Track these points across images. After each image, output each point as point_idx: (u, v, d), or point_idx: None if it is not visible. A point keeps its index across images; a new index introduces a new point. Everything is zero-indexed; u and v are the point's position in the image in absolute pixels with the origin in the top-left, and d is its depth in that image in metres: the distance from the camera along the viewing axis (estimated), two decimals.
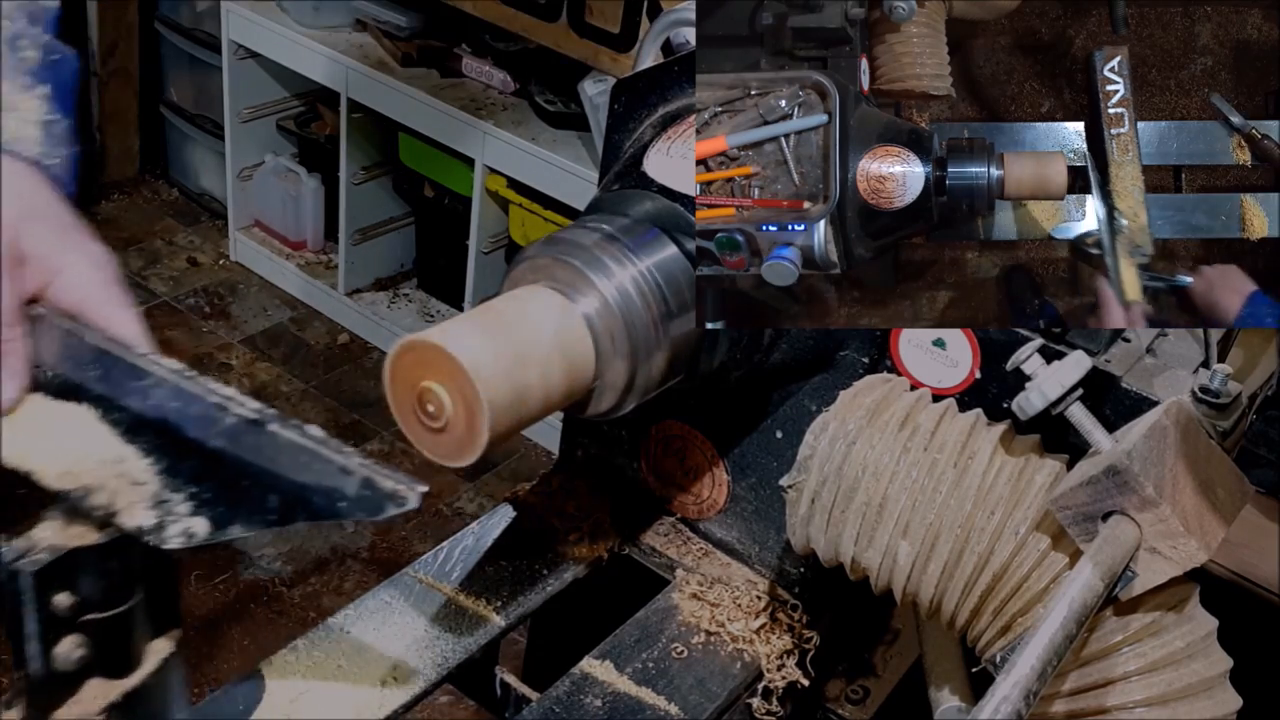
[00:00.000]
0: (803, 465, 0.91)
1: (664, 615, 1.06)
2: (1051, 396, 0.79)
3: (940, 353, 0.94)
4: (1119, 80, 1.00)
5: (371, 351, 3.21)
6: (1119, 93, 1.00)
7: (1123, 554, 0.75)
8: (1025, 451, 0.87)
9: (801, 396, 1.01)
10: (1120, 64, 1.00)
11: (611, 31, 2.54)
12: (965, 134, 1.00)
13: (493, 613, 1.02)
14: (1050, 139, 1.06)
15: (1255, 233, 1.04)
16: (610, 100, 1.00)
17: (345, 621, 0.98)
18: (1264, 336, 1.07)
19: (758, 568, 1.10)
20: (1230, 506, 0.80)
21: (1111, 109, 1.00)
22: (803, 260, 0.92)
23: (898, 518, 0.86)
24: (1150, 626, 0.81)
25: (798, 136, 0.91)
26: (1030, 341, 0.84)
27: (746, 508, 1.09)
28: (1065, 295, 1.09)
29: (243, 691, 0.91)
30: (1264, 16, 1.10)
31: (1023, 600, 0.83)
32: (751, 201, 0.91)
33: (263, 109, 3.34)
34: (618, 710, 0.95)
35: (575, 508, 1.13)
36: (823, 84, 0.90)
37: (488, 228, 2.93)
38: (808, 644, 1.04)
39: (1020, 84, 1.15)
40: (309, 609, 2.41)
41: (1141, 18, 1.12)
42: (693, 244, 0.89)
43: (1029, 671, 0.67)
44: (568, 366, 0.80)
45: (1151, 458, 0.76)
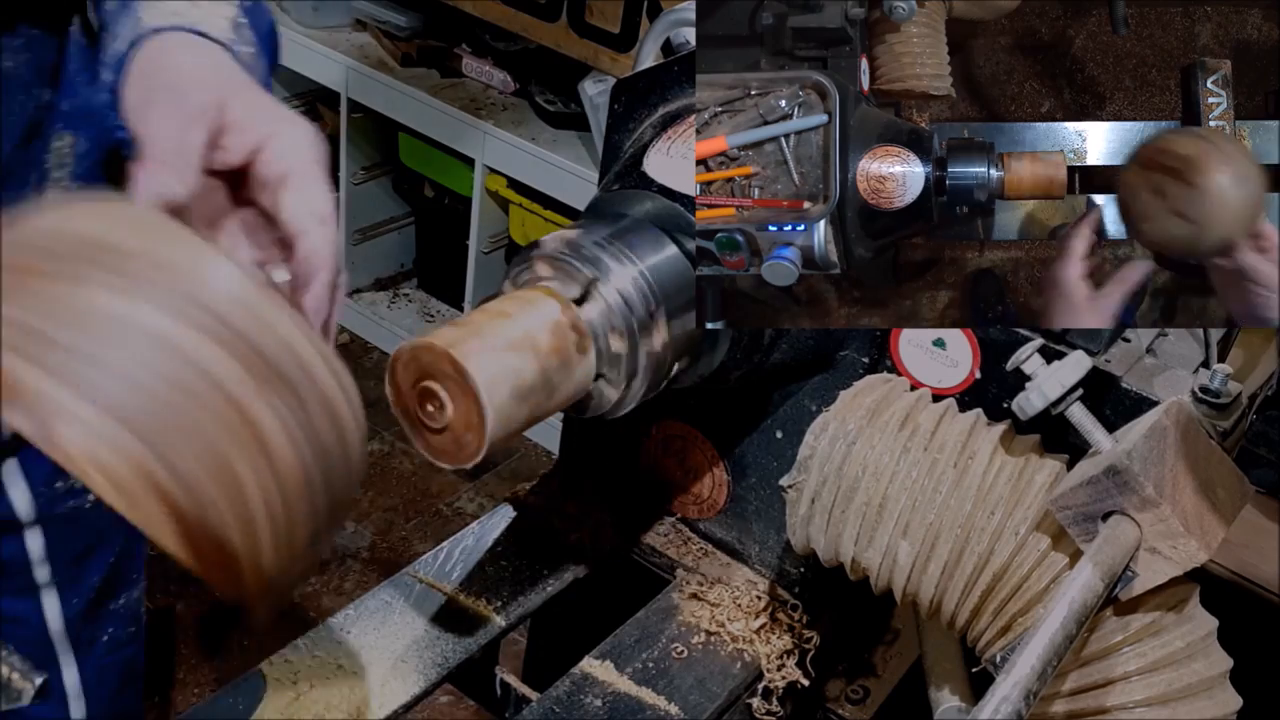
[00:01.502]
0: (803, 465, 0.91)
1: (664, 615, 1.06)
2: (1051, 396, 0.79)
3: (940, 353, 0.94)
4: (1221, 94, 1.00)
5: (372, 351, 3.21)
6: (1221, 105, 0.99)
7: (1123, 554, 0.75)
8: (1025, 451, 0.87)
9: (801, 396, 1.01)
10: (1223, 78, 0.99)
11: (611, 31, 2.54)
12: (965, 134, 1.00)
13: (493, 613, 1.02)
14: (1050, 139, 1.06)
15: None
16: (610, 100, 1.00)
17: (345, 621, 0.98)
18: (1264, 336, 1.07)
19: (758, 568, 1.10)
20: (1230, 506, 0.80)
21: (1213, 122, 0.99)
22: (803, 260, 0.92)
23: (898, 518, 0.86)
24: (1150, 626, 0.81)
25: (798, 136, 0.91)
26: (1030, 341, 0.84)
27: (746, 508, 1.09)
28: None
29: (243, 691, 0.91)
30: (1264, 16, 1.10)
31: (1023, 600, 0.83)
32: (751, 201, 0.91)
33: None
34: (618, 710, 0.95)
35: (575, 508, 1.13)
36: (823, 84, 0.90)
37: (488, 228, 2.93)
38: (808, 644, 1.04)
39: (1020, 84, 1.15)
40: (309, 609, 2.41)
41: (1141, 18, 1.12)
42: (693, 244, 0.89)
43: (1029, 671, 0.67)
44: (568, 367, 0.80)
45: (1151, 458, 0.76)
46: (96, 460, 0.50)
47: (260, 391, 0.54)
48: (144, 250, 0.55)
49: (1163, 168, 0.84)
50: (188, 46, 0.81)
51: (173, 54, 0.80)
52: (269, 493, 0.55)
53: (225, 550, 0.53)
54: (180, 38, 0.82)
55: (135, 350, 0.51)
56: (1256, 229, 0.85)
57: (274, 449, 0.55)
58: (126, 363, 0.51)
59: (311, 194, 0.75)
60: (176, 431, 0.51)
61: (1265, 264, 0.85)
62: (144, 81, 0.79)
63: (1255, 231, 0.85)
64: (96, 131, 1.06)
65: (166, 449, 0.51)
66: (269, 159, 0.74)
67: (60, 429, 0.49)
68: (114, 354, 0.51)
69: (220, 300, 0.55)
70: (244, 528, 0.54)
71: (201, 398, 0.52)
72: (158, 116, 0.75)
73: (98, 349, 0.51)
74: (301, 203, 0.74)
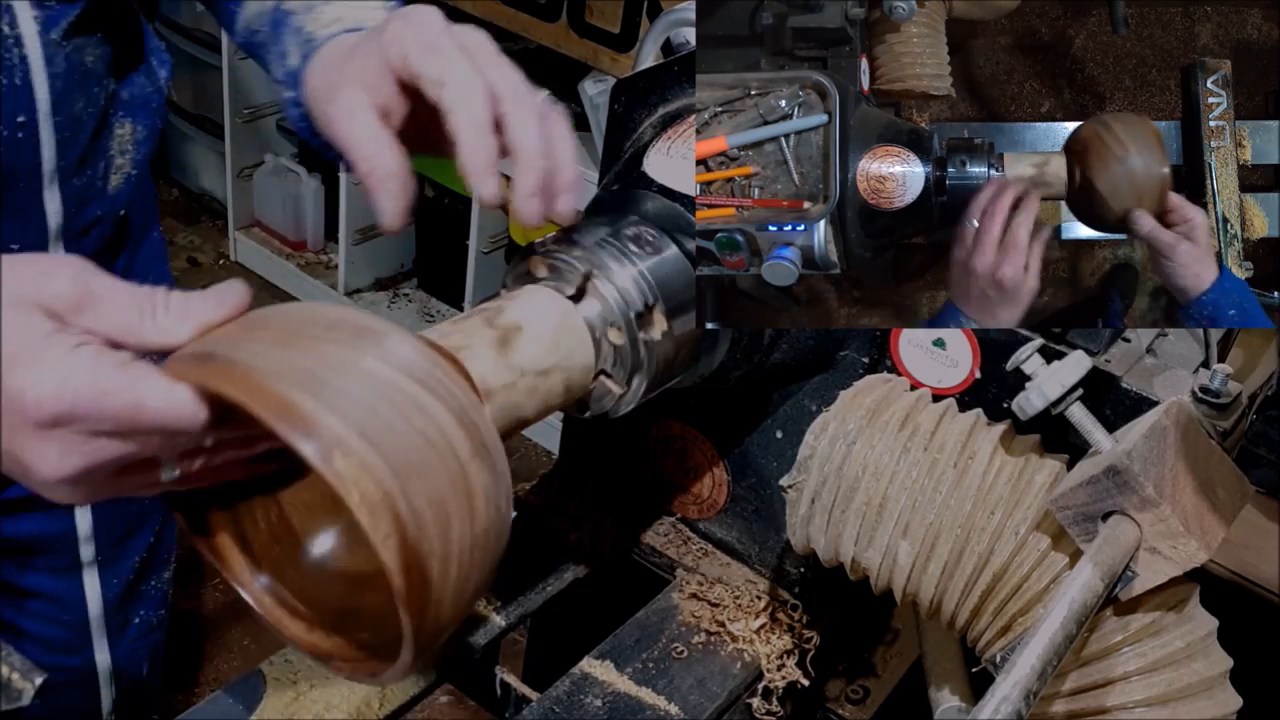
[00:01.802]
0: (803, 465, 0.91)
1: (664, 615, 1.06)
2: (1051, 396, 0.79)
3: (940, 353, 0.94)
4: (1221, 94, 1.00)
5: None
6: (1221, 105, 1.00)
7: (1123, 554, 0.75)
8: (1025, 451, 0.87)
9: (801, 396, 1.01)
10: (1223, 78, 1.00)
11: (611, 31, 2.55)
12: (965, 134, 1.00)
13: (493, 613, 1.02)
14: (1050, 139, 1.06)
15: (1255, 232, 1.04)
16: (610, 100, 1.00)
17: None
18: (1264, 336, 1.07)
19: (758, 568, 1.10)
20: (1230, 506, 0.80)
21: (1213, 122, 1.00)
22: (803, 260, 0.92)
23: (898, 518, 0.86)
24: (1150, 626, 0.81)
25: (798, 136, 0.91)
26: (1030, 341, 0.84)
27: (746, 508, 1.09)
28: (1065, 295, 1.09)
29: (243, 691, 0.91)
30: (1264, 16, 1.10)
31: (1023, 600, 0.83)
32: (751, 201, 0.91)
33: (263, 109, 3.34)
34: (618, 710, 0.95)
35: (575, 508, 1.13)
36: (823, 84, 0.90)
37: (488, 228, 2.93)
38: (808, 644, 1.04)
39: (1020, 84, 1.15)
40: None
41: (1141, 18, 1.12)
42: (693, 244, 0.89)
43: (1029, 671, 0.67)
44: (567, 366, 0.80)
45: (1151, 458, 0.76)
46: (359, 482, 0.58)
47: (475, 453, 0.64)
48: (366, 323, 0.66)
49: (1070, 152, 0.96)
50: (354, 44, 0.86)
51: (342, 55, 0.85)
52: (463, 544, 0.63)
53: (425, 580, 0.61)
54: (348, 39, 0.87)
55: (387, 397, 0.61)
56: (1169, 204, 0.94)
57: (477, 508, 0.64)
58: (382, 406, 0.61)
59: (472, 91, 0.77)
60: (415, 470, 0.61)
61: (1161, 233, 0.94)
62: (326, 89, 0.84)
63: (1165, 205, 0.94)
64: (150, 118, 1.10)
65: (406, 482, 0.60)
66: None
67: (337, 454, 0.58)
68: (373, 398, 0.61)
69: (423, 364, 0.65)
70: (443, 567, 0.62)
71: (435, 448, 0.62)
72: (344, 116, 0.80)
73: (361, 393, 0.60)
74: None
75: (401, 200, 0.79)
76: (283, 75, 0.92)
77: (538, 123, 0.78)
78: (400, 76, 0.78)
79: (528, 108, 0.78)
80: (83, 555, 1.26)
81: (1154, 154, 0.92)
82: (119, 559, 1.31)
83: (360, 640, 0.71)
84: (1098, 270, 1.10)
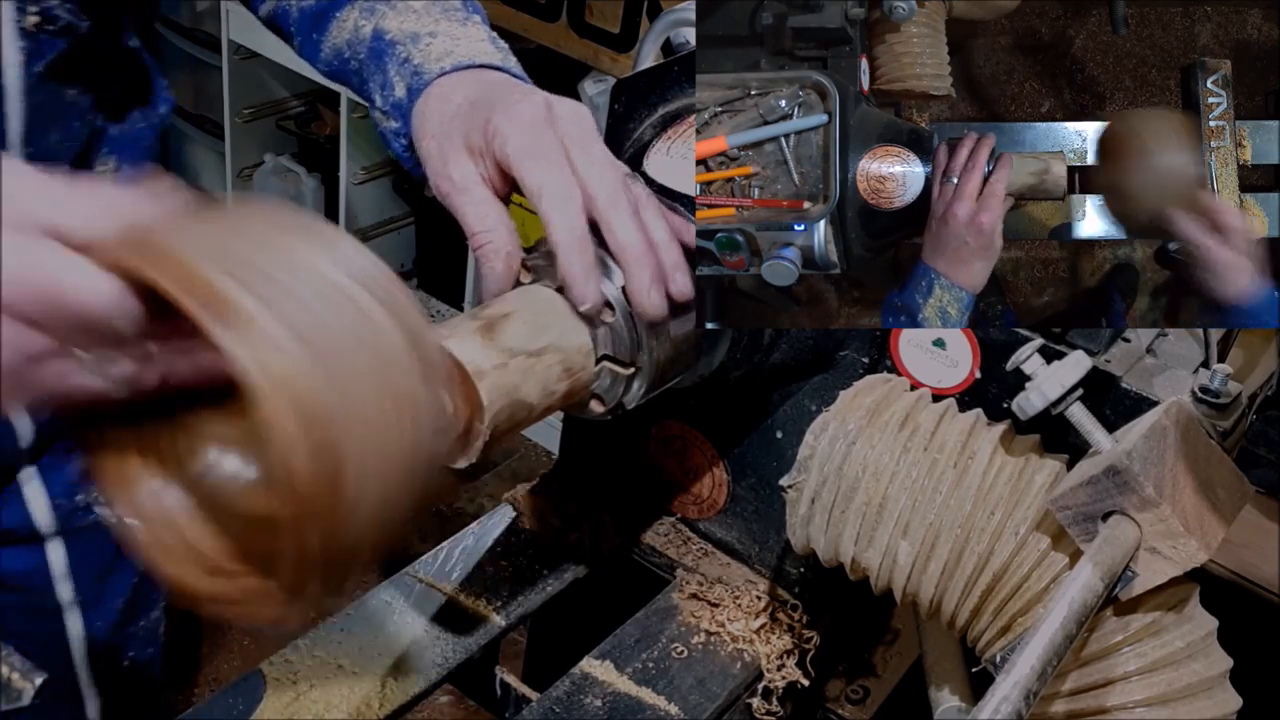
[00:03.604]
0: (803, 465, 0.91)
1: (664, 615, 1.06)
2: (1051, 396, 0.79)
3: (940, 353, 0.94)
4: (1221, 94, 1.00)
5: None
6: (1221, 105, 1.00)
7: (1123, 554, 0.75)
8: (1025, 451, 0.87)
9: (801, 396, 1.01)
10: (1223, 78, 1.00)
11: (611, 31, 2.55)
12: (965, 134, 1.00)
13: (493, 613, 1.02)
14: (1050, 139, 1.06)
15: (1255, 233, 1.04)
16: (610, 100, 1.00)
17: (345, 621, 0.98)
18: (1264, 336, 1.07)
19: (758, 568, 1.10)
20: (1230, 506, 0.80)
21: (1213, 122, 1.00)
22: (803, 260, 0.92)
23: (898, 518, 0.86)
24: (1150, 626, 0.81)
25: (798, 136, 0.91)
26: (1030, 341, 0.84)
27: (746, 508, 1.09)
28: (1065, 295, 1.09)
29: (243, 691, 0.91)
30: (1264, 16, 1.10)
31: (1023, 600, 0.83)
32: (751, 201, 0.91)
33: (263, 109, 3.35)
34: (618, 710, 0.95)
35: (575, 508, 1.13)
36: (823, 84, 0.90)
37: None
38: (808, 644, 1.04)
39: (1020, 84, 1.15)
40: (309, 609, 2.41)
41: (1141, 18, 1.12)
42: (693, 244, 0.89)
43: (1029, 671, 0.67)
44: (561, 347, 0.80)
45: (1151, 458, 0.76)
46: (264, 367, 0.54)
47: (412, 366, 0.60)
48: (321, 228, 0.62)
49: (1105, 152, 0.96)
50: (466, 83, 0.90)
51: (455, 95, 0.89)
52: (389, 456, 0.59)
53: (336, 481, 0.56)
54: (460, 84, 0.90)
55: (329, 298, 0.57)
56: (1204, 205, 0.91)
57: (409, 423, 0.59)
58: (321, 306, 0.57)
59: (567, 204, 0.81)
60: (347, 369, 0.56)
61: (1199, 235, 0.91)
62: (439, 137, 0.87)
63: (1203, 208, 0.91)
64: (139, 156, 1.09)
65: (336, 390, 0.56)
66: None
67: (267, 349, 0.54)
68: (312, 297, 0.57)
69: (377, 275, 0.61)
70: (358, 471, 0.57)
71: (370, 350, 0.58)
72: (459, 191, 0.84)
73: (301, 290, 0.56)
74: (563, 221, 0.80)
75: (508, 278, 0.83)
76: (387, 106, 0.94)
77: (634, 219, 0.81)
78: (502, 167, 0.83)
79: (623, 206, 0.81)
80: (61, 595, 1.20)
81: (1184, 152, 0.91)
82: (102, 596, 1.24)
83: (260, 588, 0.67)
84: (1098, 270, 1.10)
